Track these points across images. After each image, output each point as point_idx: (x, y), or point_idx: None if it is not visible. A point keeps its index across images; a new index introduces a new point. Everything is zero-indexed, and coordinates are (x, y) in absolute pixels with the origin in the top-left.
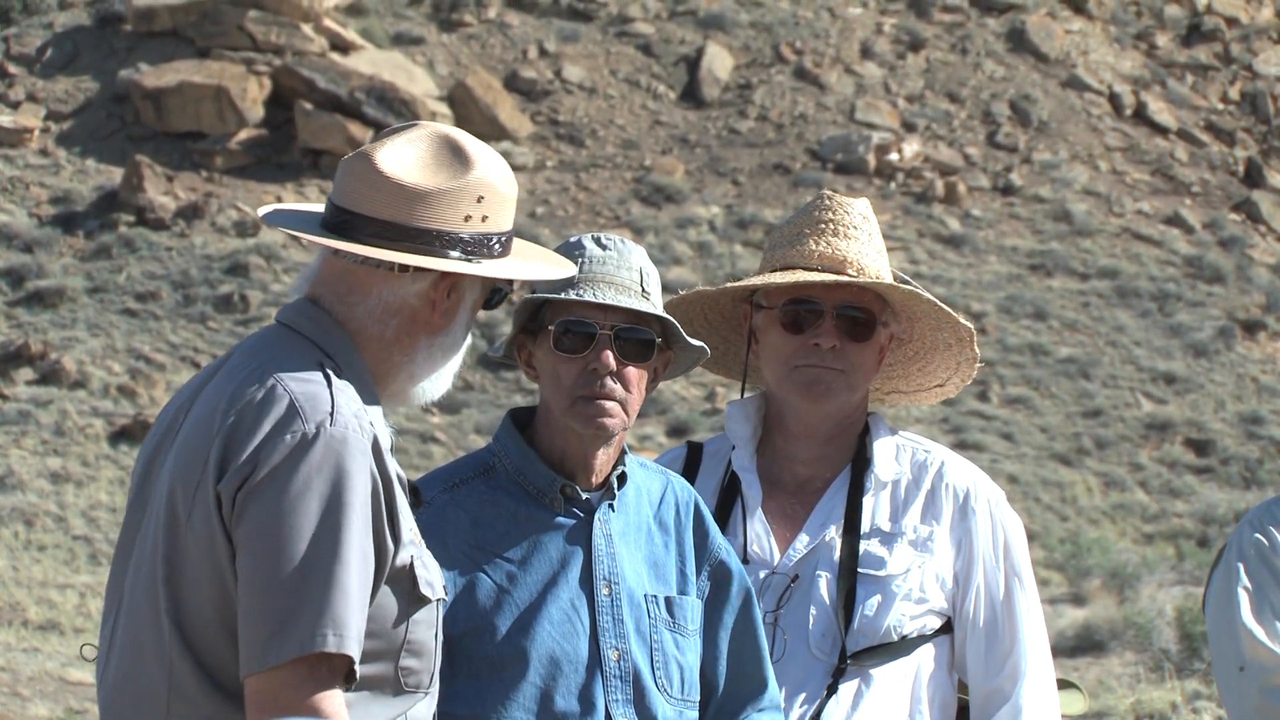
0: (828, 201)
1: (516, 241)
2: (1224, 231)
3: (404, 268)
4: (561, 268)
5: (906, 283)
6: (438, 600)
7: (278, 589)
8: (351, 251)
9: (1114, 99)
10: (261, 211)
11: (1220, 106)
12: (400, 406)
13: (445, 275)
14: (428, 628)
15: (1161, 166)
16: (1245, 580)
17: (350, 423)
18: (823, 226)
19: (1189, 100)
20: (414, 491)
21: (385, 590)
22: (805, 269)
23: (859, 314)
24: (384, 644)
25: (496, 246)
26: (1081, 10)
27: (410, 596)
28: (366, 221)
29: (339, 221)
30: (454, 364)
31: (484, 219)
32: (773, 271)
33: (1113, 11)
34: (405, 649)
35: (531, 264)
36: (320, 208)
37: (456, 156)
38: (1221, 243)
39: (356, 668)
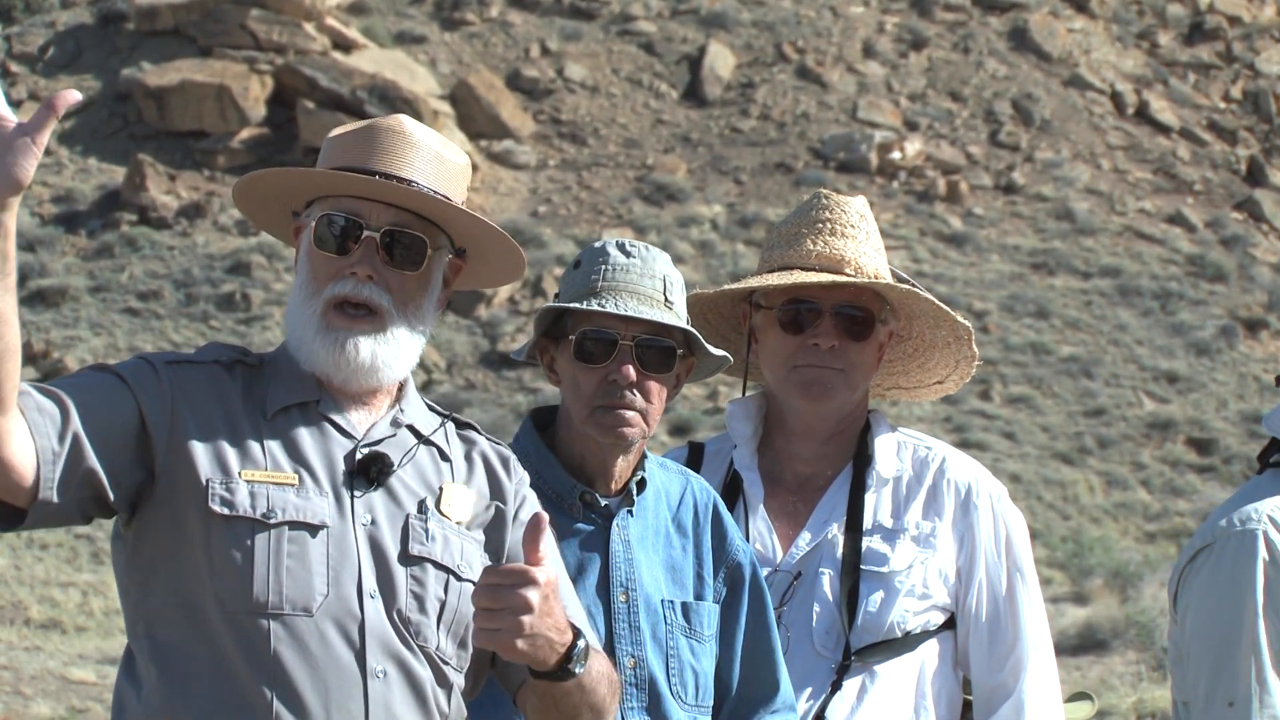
0: (825, 201)
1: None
2: (1226, 230)
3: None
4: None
5: (905, 281)
6: (254, 525)
7: None
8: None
9: (1116, 98)
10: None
11: (1222, 105)
12: (340, 380)
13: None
14: (235, 549)
15: (1164, 165)
16: (1261, 597)
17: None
18: (820, 226)
19: (1191, 99)
20: (373, 461)
21: (185, 507)
22: (803, 269)
23: (857, 313)
24: (187, 559)
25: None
26: (1084, 9)
27: (205, 511)
28: None
29: None
30: (306, 316)
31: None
32: (771, 272)
33: (1115, 10)
34: (210, 566)
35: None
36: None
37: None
38: (1224, 241)
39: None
